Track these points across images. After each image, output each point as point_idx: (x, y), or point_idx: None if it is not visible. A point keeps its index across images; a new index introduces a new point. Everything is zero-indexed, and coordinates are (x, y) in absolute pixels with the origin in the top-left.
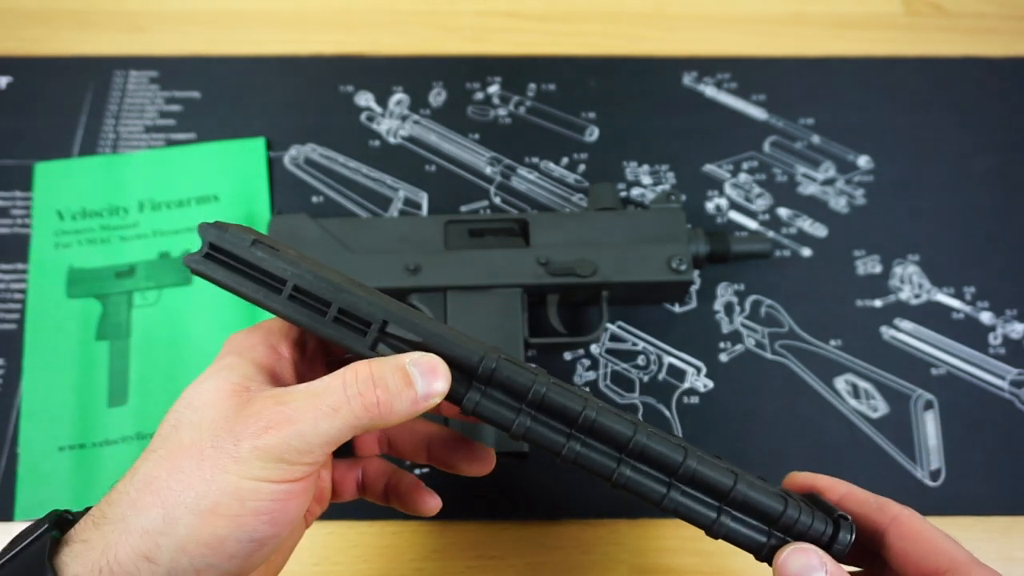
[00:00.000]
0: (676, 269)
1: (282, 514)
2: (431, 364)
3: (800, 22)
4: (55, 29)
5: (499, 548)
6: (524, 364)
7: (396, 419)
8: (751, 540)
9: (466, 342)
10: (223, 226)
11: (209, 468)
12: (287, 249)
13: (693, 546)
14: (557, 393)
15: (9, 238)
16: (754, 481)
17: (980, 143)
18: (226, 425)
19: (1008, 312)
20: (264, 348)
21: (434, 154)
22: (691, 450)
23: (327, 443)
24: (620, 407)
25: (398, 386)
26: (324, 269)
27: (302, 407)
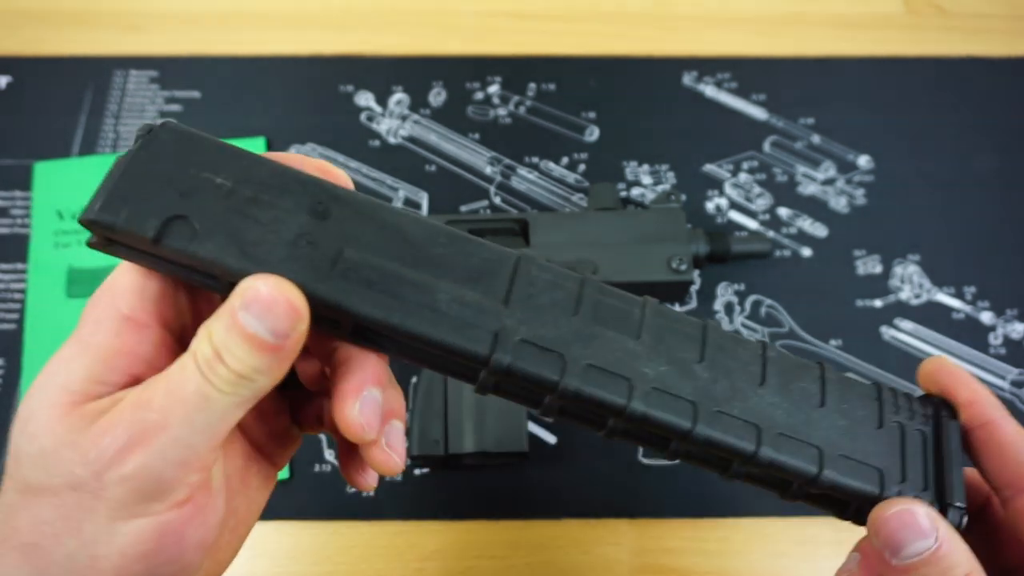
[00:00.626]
0: (676, 269)
1: (178, 547)
2: (268, 303)
3: (800, 22)
4: (55, 29)
5: (499, 548)
6: (545, 341)
7: (276, 375)
8: (832, 507)
9: (462, 320)
10: (113, 203)
11: (74, 516)
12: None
13: (694, 546)
14: (594, 385)
15: (9, 238)
16: (846, 456)
17: (980, 143)
18: (74, 455)
19: (1008, 312)
20: (112, 323)
21: (434, 154)
22: (766, 433)
23: (210, 440)
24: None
25: (245, 350)
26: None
27: (167, 406)
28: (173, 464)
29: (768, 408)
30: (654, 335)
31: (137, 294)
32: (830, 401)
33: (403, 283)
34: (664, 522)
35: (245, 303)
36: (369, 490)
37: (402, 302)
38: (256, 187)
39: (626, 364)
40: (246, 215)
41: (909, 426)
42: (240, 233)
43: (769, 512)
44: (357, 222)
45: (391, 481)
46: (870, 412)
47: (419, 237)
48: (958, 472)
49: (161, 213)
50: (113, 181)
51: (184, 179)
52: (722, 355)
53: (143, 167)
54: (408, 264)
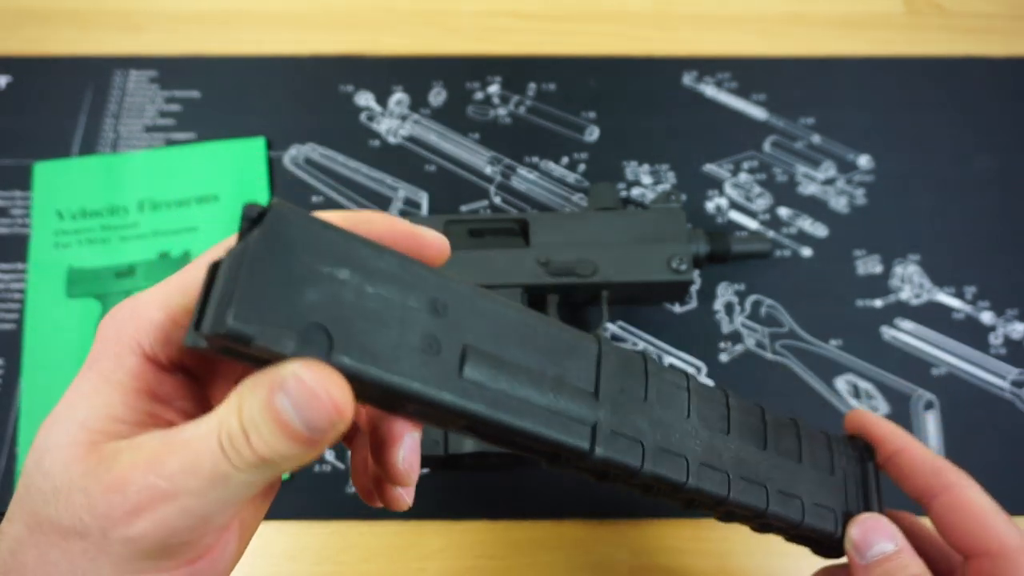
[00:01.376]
0: (676, 269)
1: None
2: (305, 394)
3: (800, 22)
4: (55, 29)
5: (499, 548)
6: (630, 431)
7: (304, 463)
8: (790, 538)
9: (565, 417)
10: (247, 310)
11: (79, 562)
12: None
13: (694, 546)
14: (662, 466)
15: (8, 238)
16: (818, 504)
17: (980, 143)
18: (85, 502)
19: (1009, 312)
20: (133, 360)
21: (434, 154)
22: (771, 493)
23: (225, 512)
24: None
25: (274, 433)
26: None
27: (180, 474)
28: (181, 531)
29: (771, 471)
30: (698, 411)
31: (163, 337)
32: (805, 457)
33: (514, 383)
34: (664, 522)
35: (284, 387)
36: (406, 507)
37: (517, 400)
38: (379, 282)
39: (684, 442)
40: (374, 319)
41: (848, 470)
42: (372, 343)
43: None
44: (470, 318)
45: None
46: (825, 460)
47: (524, 327)
48: (879, 496)
49: (296, 323)
50: (241, 281)
51: (310, 277)
52: (741, 425)
53: (266, 263)
54: (517, 356)
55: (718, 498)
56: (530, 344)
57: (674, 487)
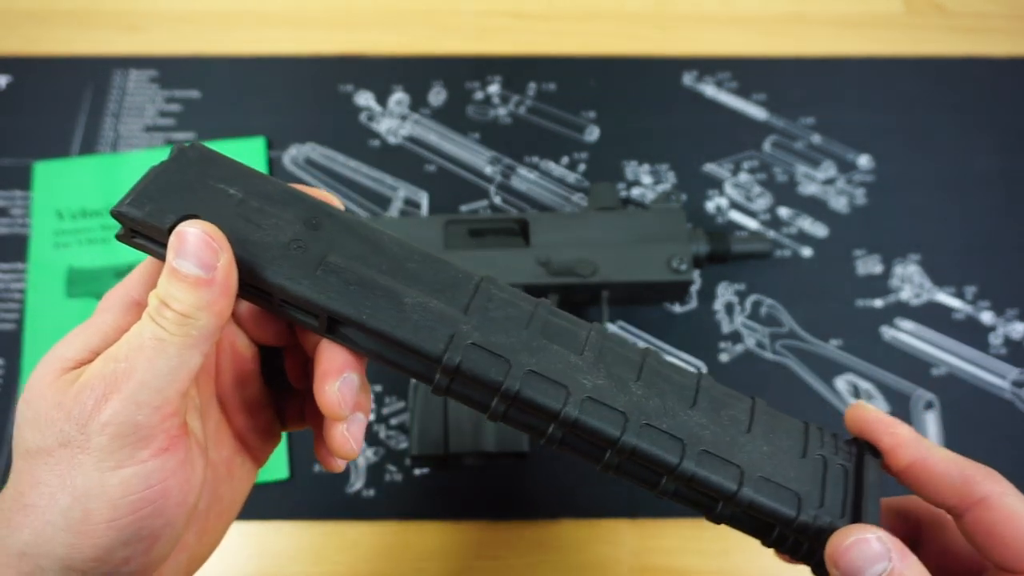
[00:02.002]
0: (676, 269)
1: (165, 498)
2: (196, 243)
3: (800, 22)
4: (55, 29)
5: (499, 548)
6: (494, 346)
7: (219, 311)
8: (756, 531)
9: (422, 322)
10: (141, 199)
11: (66, 471)
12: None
13: (693, 546)
14: (533, 389)
15: (8, 238)
16: (766, 478)
17: (980, 143)
18: (60, 413)
19: (1009, 312)
20: (121, 306)
21: (434, 154)
22: (690, 448)
23: (176, 381)
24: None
25: (183, 290)
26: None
27: (130, 354)
28: (145, 408)
29: (695, 428)
30: (596, 353)
31: (147, 284)
32: (757, 429)
33: (375, 288)
34: (664, 522)
35: (175, 250)
36: (338, 470)
37: (372, 303)
38: (262, 200)
39: (566, 374)
40: (249, 220)
41: (832, 460)
42: (242, 233)
43: None
44: (343, 235)
45: (391, 481)
46: (795, 443)
47: (396, 253)
48: (875, 503)
49: (178, 211)
50: (143, 183)
51: (202, 188)
52: (658, 378)
53: (169, 175)
54: (382, 273)
55: (606, 437)
56: (400, 270)
57: (545, 414)
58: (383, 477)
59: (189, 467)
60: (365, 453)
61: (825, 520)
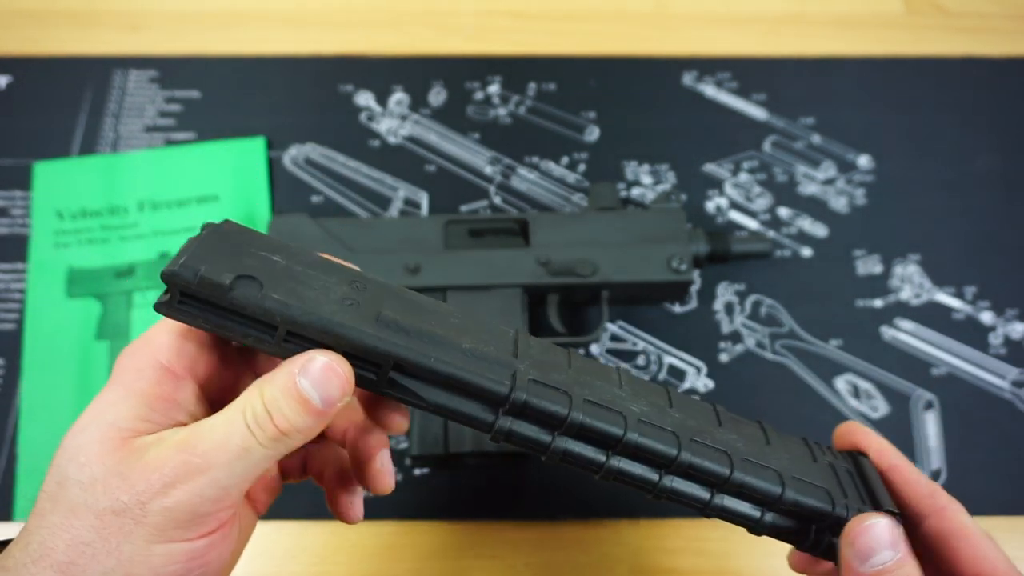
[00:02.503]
0: (676, 269)
1: (203, 569)
2: (324, 372)
3: (800, 22)
4: (55, 29)
5: (499, 548)
6: (553, 382)
7: (307, 438)
8: (794, 535)
9: (485, 365)
10: (192, 262)
11: (114, 537)
12: (286, 255)
13: (694, 546)
14: (596, 418)
15: (8, 238)
16: (799, 479)
17: (980, 143)
18: (122, 484)
19: (1009, 312)
20: (153, 372)
21: (434, 154)
22: (735, 458)
23: (243, 483)
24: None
25: (295, 411)
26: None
27: (211, 452)
28: (209, 501)
29: (732, 441)
30: (631, 387)
31: (175, 351)
32: (773, 442)
33: (434, 336)
34: (664, 522)
35: (304, 370)
36: (357, 521)
37: (435, 349)
38: (305, 265)
39: (617, 402)
40: (300, 281)
41: (837, 464)
42: (298, 292)
43: None
44: (387, 296)
45: None
46: (804, 453)
47: (438, 310)
48: (883, 490)
49: (233, 271)
50: (191, 249)
51: (247, 254)
52: (686, 404)
53: (211, 243)
54: (433, 325)
55: (666, 456)
56: (447, 323)
57: (612, 440)
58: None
59: (226, 541)
60: None
61: (855, 508)
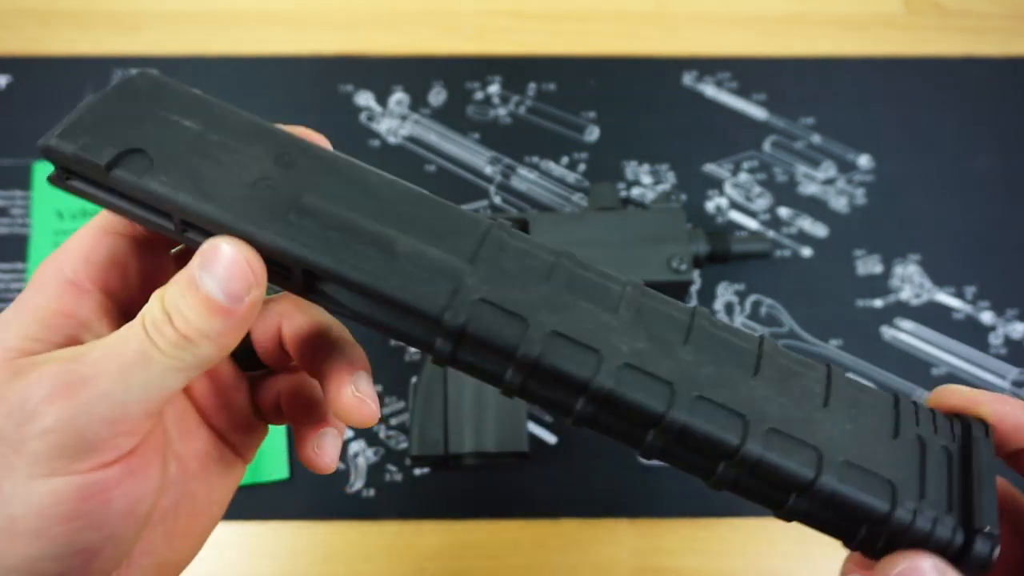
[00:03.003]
0: (676, 269)
1: (102, 512)
2: (227, 264)
3: (800, 22)
4: (55, 29)
5: (499, 548)
6: (509, 303)
7: (225, 344)
8: (838, 530)
9: (419, 275)
10: (75, 130)
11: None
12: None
13: (694, 546)
14: (557, 355)
15: (8, 238)
16: (852, 463)
17: (980, 143)
18: (2, 407)
19: (1009, 311)
20: (55, 286)
21: (434, 154)
22: (754, 425)
23: (147, 401)
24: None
25: (197, 311)
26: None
27: (99, 359)
28: (99, 421)
29: (760, 401)
30: (634, 312)
31: (83, 260)
32: (835, 403)
33: (361, 234)
34: (664, 522)
35: (204, 262)
36: (328, 470)
37: (356, 252)
38: (225, 133)
39: (598, 336)
40: (207, 156)
41: (931, 440)
42: (198, 171)
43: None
44: (323, 174)
45: (391, 481)
46: (884, 421)
47: (386, 195)
48: (990, 493)
49: (119, 145)
50: (77, 114)
51: (151, 119)
52: (712, 341)
53: (112, 105)
54: (370, 217)
55: (648, 413)
56: (392, 213)
57: (573, 385)
58: (383, 477)
59: (140, 477)
60: (365, 453)
61: (929, 515)
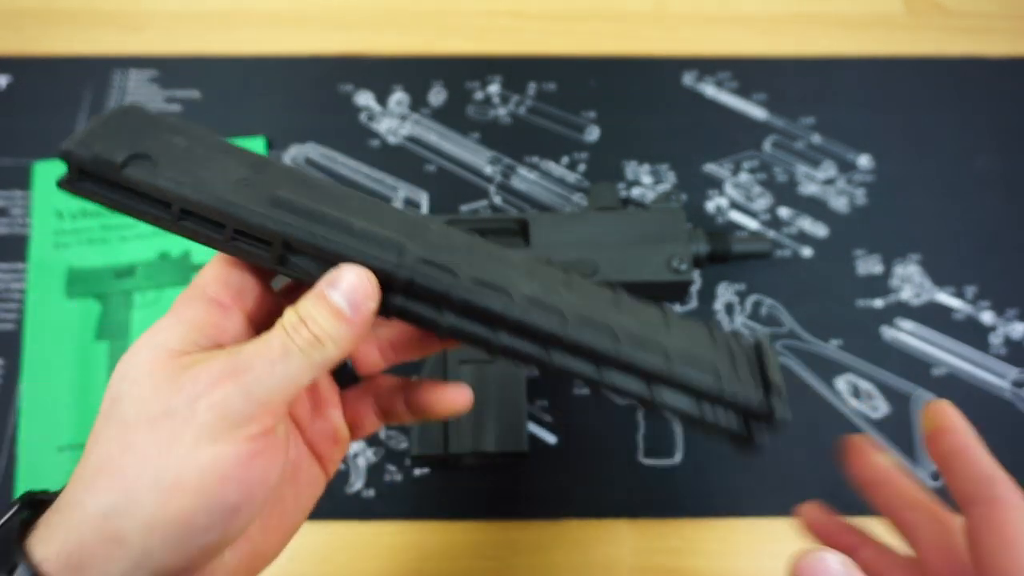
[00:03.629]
0: (676, 269)
1: (249, 476)
2: (351, 283)
3: (801, 21)
4: (55, 29)
5: (499, 548)
6: (441, 261)
7: (345, 348)
8: (686, 415)
9: (373, 243)
10: (89, 140)
11: (165, 438)
12: (173, 134)
13: (694, 546)
14: (480, 296)
15: (8, 238)
16: (687, 354)
17: (980, 143)
18: (172, 389)
19: (1009, 312)
20: (202, 304)
21: (434, 154)
22: (623, 337)
23: (286, 388)
24: None
25: (326, 317)
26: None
27: (252, 355)
28: (253, 400)
29: (624, 322)
30: (528, 269)
31: (221, 282)
32: (672, 327)
33: (325, 217)
34: (664, 522)
35: (332, 281)
36: (468, 403)
37: (324, 229)
38: (207, 148)
39: (508, 282)
40: (198, 163)
41: (736, 349)
42: (193, 172)
43: (769, 512)
44: (287, 178)
45: (391, 481)
46: (705, 337)
47: (338, 194)
48: (778, 373)
49: (128, 149)
50: (89, 127)
51: (148, 135)
52: (583, 288)
53: (115, 123)
54: (329, 206)
55: (549, 333)
56: (345, 206)
57: (494, 318)
58: (383, 477)
59: (274, 453)
60: (365, 453)
61: (742, 394)
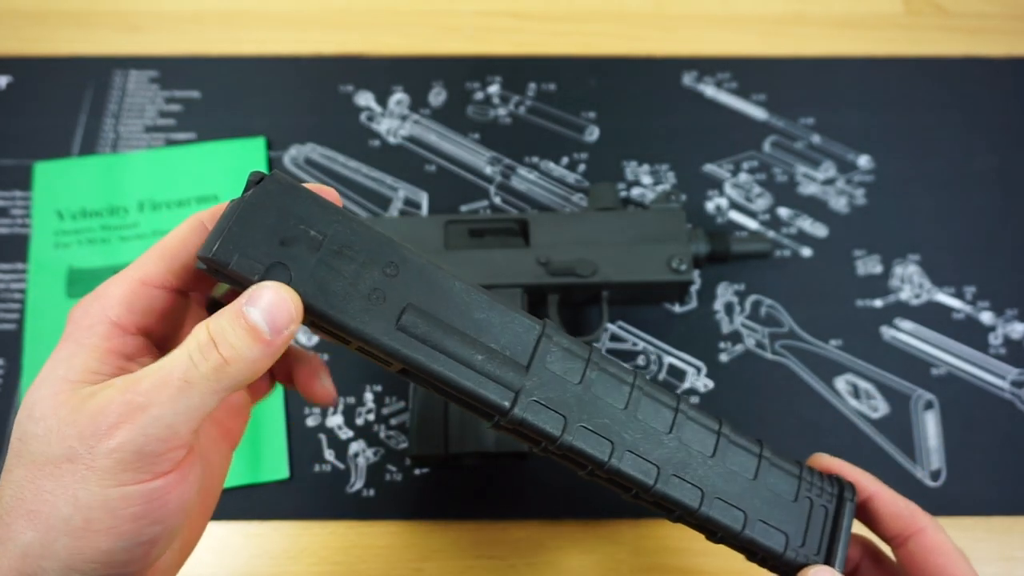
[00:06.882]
0: (676, 269)
1: (163, 509)
2: (271, 301)
3: (800, 22)
4: (54, 29)
5: (499, 548)
6: (553, 404)
7: (258, 371)
8: (748, 553)
9: (490, 381)
10: (227, 246)
11: (70, 484)
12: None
13: (694, 546)
14: (584, 442)
15: (9, 238)
16: (764, 522)
17: (980, 143)
18: (71, 431)
19: (1009, 312)
20: (104, 326)
21: (434, 154)
22: (707, 496)
23: (189, 421)
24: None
25: (241, 338)
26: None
27: (152, 389)
28: (154, 441)
29: (713, 478)
30: (636, 406)
31: (126, 306)
32: (761, 475)
33: (449, 346)
34: (664, 522)
35: (251, 300)
36: (333, 400)
37: (447, 359)
38: (341, 244)
39: (613, 428)
40: (331, 267)
41: (817, 502)
42: (325, 282)
43: None
44: (417, 283)
45: (391, 481)
46: (790, 487)
47: (465, 302)
48: (845, 545)
49: (265, 260)
50: (227, 223)
51: (285, 230)
52: (686, 430)
53: (252, 214)
54: (454, 329)
55: (641, 484)
56: (470, 321)
57: (592, 462)
58: (383, 477)
59: (190, 479)
60: (365, 453)
61: (803, 557)
